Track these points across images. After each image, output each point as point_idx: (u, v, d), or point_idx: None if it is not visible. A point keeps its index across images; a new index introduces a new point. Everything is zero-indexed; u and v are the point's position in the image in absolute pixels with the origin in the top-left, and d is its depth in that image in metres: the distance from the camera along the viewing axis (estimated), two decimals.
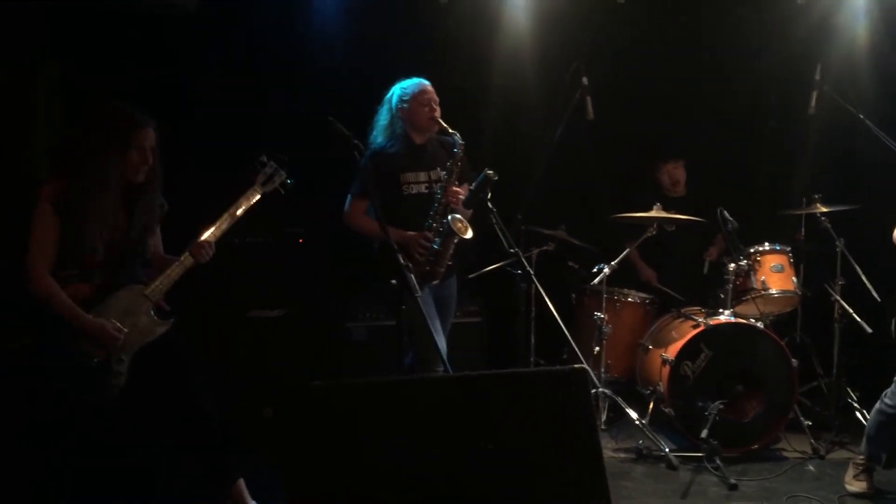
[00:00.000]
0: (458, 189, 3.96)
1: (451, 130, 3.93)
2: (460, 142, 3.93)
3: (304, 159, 4.60)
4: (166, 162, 3.31)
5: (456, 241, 3.86)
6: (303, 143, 4.58)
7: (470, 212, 3.93)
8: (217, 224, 3.33)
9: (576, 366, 2.26)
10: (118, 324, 3.13)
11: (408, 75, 4.13)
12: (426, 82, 4.03)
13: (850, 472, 3.89)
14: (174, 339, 3.31)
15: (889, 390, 3.71)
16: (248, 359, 4.59)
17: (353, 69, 5.02)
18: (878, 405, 3.77)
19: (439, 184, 3.95)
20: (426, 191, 3.99)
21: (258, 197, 3.42)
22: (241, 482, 3.42)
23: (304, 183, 4.73)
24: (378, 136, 4.04)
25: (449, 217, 3.83)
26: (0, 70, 4.47)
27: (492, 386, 2.26)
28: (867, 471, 3.84)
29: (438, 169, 4.00)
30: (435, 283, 3.92)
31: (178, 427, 3.33)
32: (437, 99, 4.00)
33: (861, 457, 3.88)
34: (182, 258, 3.28)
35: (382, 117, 4.06)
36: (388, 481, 2.11)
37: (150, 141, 3.18)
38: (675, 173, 5.31)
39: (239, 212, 3.36)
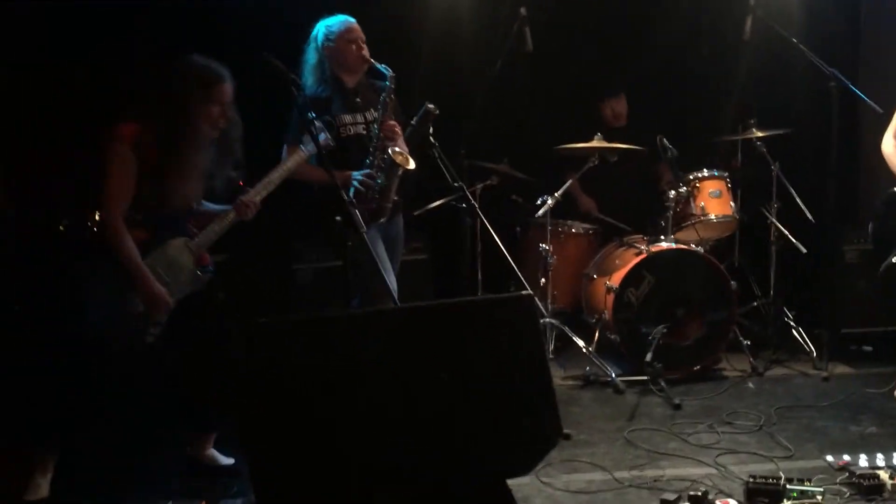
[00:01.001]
0: (393, 122, 3.91)
1: (379, 65, 3.86)
2: (391, 74, 3.86)
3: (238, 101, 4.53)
4: None
5: (399, 173, 3.83)
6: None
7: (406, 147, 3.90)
8: (263, 183, 3.34)
9: (522, 291, 2.28)
10: (167, 292, 3.12)
11: (343, 9, 4.05)
12: (352, 20, 3.94)
13: None
14: (210, 294, 3.34)
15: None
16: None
17: (285, 5, 4.87)
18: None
19: (374, 123, 3.90)
20: (364, 132, 3.93)
21: (303, 157, 3.44)
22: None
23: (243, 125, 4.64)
24: (308, 77, 3.94)
25: (389, 150, 3.80)
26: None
27: (440, 316, 2.27)
28: None
29: (372, 110, 3.95)
30: (383, 220, 3.90)
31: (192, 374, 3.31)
32: (363, 37, 3.92)
33: None
34: (226, 214, 3.29)
35: (310, 57, 3.95)
36: (343, 416, 2.13)
37: (229, 96, 3.19)
38: (617, 107, 5.34)
39: (285, 172, 3.39)
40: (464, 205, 4.16)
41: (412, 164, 3.82)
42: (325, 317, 2.26)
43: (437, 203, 4.73)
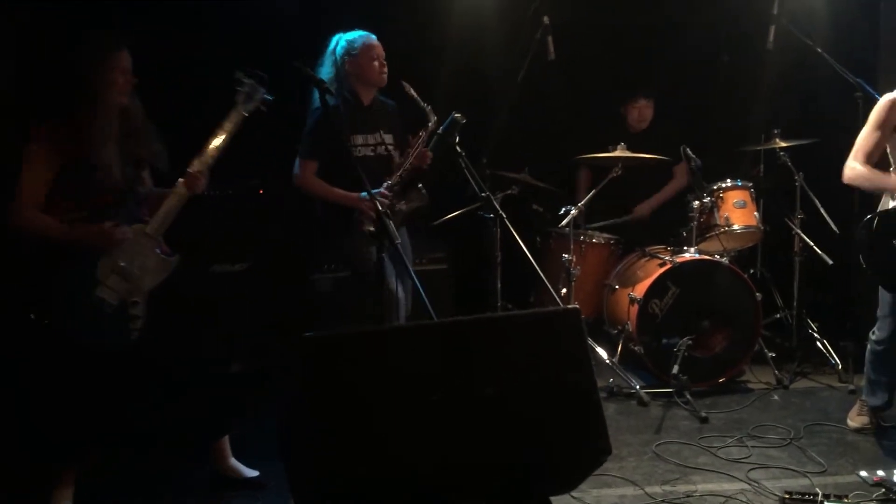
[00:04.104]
0: (429, 153, 3.95)
1: (423, 104, 3.87)
2: (434, 117, 3.90)
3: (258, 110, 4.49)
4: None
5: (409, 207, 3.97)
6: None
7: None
8: (205, 151, 3.20)
9: (569, 306, 2.24)
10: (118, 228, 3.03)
11: (366, 19, 4.04)
12: (373, 36, 3.94)
13: (855, 409, 3.94)
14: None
15: (875, 327, 3.75)
16: (212, 315, 4.48)
17: (309, 12, 4.84)
18: (868, 346, 3.80)
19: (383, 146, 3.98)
20: (371, 153, 3.97)
21: (242, 117, 3.27)
22: (226, 438, 3.39)
23: (262, 134, 4.62)
24: None
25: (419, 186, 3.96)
26: None
27: (485, 329, 2.23)
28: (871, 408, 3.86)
29: (382, 132, 3.99)
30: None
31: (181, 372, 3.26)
32: (383, 55, 3.93)
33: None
34: (175, 189, 3.16)
35: (326, 70, 3.93)
36: (386, 432, 2.08)
37: (128, 62, 3.07)
38: (645, 112, 5.26)
39: (225, 135, 3.22)
40: (491, 215, 4.11)
41: (425, 202, 4.00)
42: (370, 330, 2.21)
43: (460, 212, 4.68)
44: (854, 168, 3.67)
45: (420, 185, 3.99)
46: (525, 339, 2.18)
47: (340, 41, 3.92)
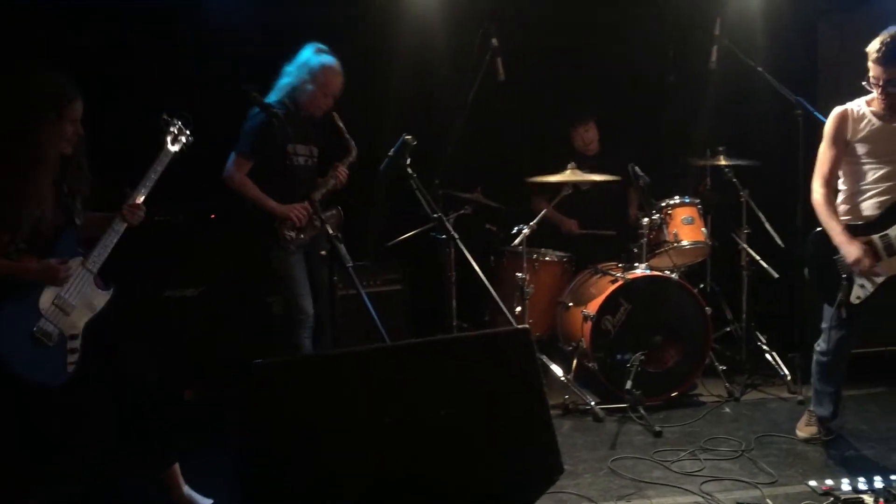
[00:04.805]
0: (345, 172, 4.24)
1: (347, 136, 4.13)
2: (355, 151, 4.21)
3: (210, 131, 4.48)
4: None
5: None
6: (208, 113, 4.43)
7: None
8: (139, 189, 3.25)
9: (519, 326, 2.26)
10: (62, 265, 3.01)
11: (316, 40, 4.08)
12: (340, 72, 4.08)
13: (803, 419, 4.02)
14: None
15: (819, 339, 3.82)
16: (166, 340, 4.44)
17: (261, 30, 4.85)
18: (814, 358, 3.87)
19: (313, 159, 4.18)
20: (303, 163, 4.13)
21: (170, 156, 3.34)
22: (177, 467, 3.33)
23: (212, 157, 4.60)
24: (276, 93, 4.08)
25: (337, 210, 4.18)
26: None
27: (437, 351, 2.25)
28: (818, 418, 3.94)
29: (312, 145, 4.18)
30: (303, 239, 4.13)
31: (116, 404, 3.21)
32: (339, 91, 4.11)
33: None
34: (113, 224, 3.18)
35: (292, 77, 4.06)
36: (341, 455, 2.08)
37: (80, 112, 3.05)
38: (587, 135, 5.34)
39: (155, 174, 3.30)
40: (443, 236, 4.13)
41: (340, 221, 4.22)
42: (322, 355, 2.21)
43: (413, 233, 4.70)
44: (816, 193, 3.69)
45: (339, 207, 4.19)
46: (476, 359, 2.20)
47: (312, 60, 4.04)
